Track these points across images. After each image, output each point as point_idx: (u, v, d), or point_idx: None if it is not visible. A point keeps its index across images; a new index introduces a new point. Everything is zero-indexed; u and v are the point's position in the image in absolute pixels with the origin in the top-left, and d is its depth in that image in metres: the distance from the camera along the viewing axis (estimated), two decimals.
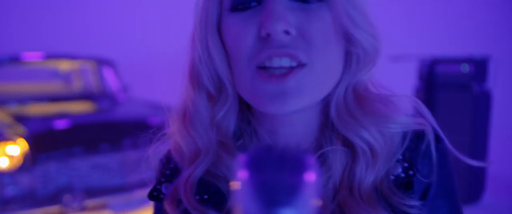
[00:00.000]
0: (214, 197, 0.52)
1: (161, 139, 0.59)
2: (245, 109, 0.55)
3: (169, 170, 0.59)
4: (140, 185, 2.80)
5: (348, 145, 0.51)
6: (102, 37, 6.76)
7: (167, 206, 0.53)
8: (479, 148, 3.86)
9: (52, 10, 6.88)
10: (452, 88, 3.86)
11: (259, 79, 0.46)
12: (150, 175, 2.44)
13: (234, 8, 0.48)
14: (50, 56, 3.83)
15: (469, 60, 3.74)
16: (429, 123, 0.57)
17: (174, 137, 0.57)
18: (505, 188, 4.33)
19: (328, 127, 0.53)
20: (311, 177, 0.27)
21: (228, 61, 0.51)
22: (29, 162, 2.49)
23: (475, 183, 3.86)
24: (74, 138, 2.71)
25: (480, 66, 3.73)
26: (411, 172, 0.52)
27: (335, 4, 0.46)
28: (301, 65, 0.46)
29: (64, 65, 4.15)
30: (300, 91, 0.46)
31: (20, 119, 2.88)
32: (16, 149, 2.46)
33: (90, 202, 2.59)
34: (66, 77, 4.58)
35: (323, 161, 0.51)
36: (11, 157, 2.45)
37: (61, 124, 2.82)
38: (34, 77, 4.43)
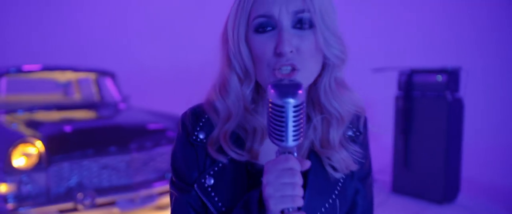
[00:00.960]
0: (237, 142, 0.80)
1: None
2: (258, 86, 0.84)
3: (202, 122, 0.83)
4: (145, 184, 3.02)
5: (325, 114, 0.81)
6: (102, 52, 7.00)
7: (209, 146, 0.80)
8: (453, 151, 4.08)
9: (60, 28, 7.12)
10: (428, 96, 4.13)
11: (273, 76, 0.74)
12: (154, 176, 2.69)
13: (257, 31, 0.74)
14: (55, 68, 4.06)
15: (443, 71, 4.02)
16: (364, 113, 0.88)
17: (210, 100, 0.83)
18: (478, 189, 4.60)
19: (314, 104, 0.82)
20: (300, 91, 0.63)
21: (253, 59, 0.79)
22: (44, 162, 2.70)
23: (451, 184, 4.11)
24: (84, 141, 2.92)
25: (452, 76, 4.00)
26: (358, 133, 0.87)
27: (317, 30, 0.73)
28: (296, 69, 0.73)
29: (68, 76, 4.37)
30: (295, 78, 0.74)
31: (33, 124, 3.10)
32: (34, 150, 2.67)
33: (100, 200, 2.78)
34: (69, 87, 4.80)
35: (312, 126, 0.82)
36: (28, 157, 2.66)
37: (72, 128, 3.04)
38: (40, 88, 4.64)
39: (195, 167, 0.81)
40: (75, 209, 2.69)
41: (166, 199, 3.18)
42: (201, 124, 0.83)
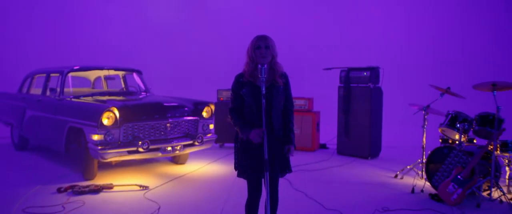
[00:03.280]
0: (251, 77, 2.61)
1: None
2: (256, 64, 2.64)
3: (241, 75, 2.66)
4: (175, 140, 4.76)
5: (275, 72, 2.64)
6: (131, 55, 8.72)
7: (243, 79, 2.62)
8: (376, 124, 5.98)
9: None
10: (359, 86, 5.99)
11: (260, 60, 2.56)
12: (180, 135, 4.81)
13: (256, 48, 2.60)
14: (102, 67, 5.77)
15: (368, 69, 5.91)
16: (286, 74, 2.72)
17: (244, 69, 2.65)
18: (393, 148, 6.60)
19: (271, 68, 2.64)
20: (266, 65, 2.43)
21: (254, 56, 2.62)
22: (118, 123, 4.41)
23: (375, 145, 6.02)
24: (139, 111, 4.61)
25: (373, 72, 5.89)
26: (285, 79, 2.65)
27: (270, 48, 2.53)
28: (266, 57, 2.54)
29: (112, 73, 6.06)
30: (265, 62, 2.57)
31: (102, 102, 4.80)
32: (113, 114, 4.38)
33: (151, 147, 4.51)
34: (98, 82, 6.49)
35: (273, 77, 2.65)
36: (109, 119, 4.36)
37: (131, 104, 4.76)
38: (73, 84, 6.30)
39: (239, 87, 2.61)
40: (137, 151, 4.42)
41: (187, 151, 4.95)
42: (241, 75, 2.65)
